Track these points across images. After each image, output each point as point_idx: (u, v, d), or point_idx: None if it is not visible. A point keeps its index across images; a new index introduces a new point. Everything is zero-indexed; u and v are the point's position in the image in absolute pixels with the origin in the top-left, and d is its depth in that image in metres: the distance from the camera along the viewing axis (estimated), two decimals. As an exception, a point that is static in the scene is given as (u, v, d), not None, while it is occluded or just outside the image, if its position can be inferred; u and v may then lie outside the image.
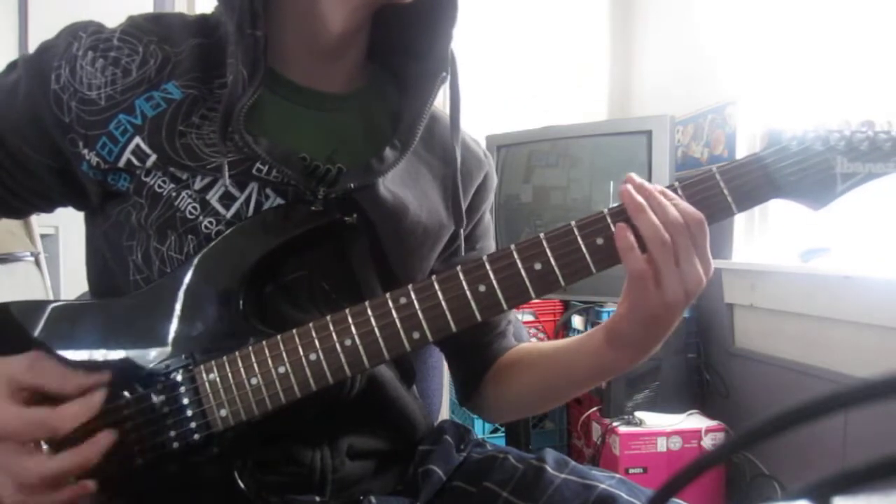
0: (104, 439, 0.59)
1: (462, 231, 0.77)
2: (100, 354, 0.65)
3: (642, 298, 0.58)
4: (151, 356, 0.64)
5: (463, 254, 0.79)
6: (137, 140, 0.65)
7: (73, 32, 0.67)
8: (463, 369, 0.84)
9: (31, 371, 0.59)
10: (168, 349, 0.64)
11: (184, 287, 0.65)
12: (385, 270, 0.72)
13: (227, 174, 0.64)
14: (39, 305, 0.67)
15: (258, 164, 0.65)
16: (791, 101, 1.91)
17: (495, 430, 2.10)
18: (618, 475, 0.71)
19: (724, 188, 0.58)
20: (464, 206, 0.77)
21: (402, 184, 0.72)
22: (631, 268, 0.58)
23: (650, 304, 0.58)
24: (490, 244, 0.86)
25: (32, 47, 0.69)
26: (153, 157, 0.65)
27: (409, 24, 0.73)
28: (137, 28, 0.67)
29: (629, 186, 0.59)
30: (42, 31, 0.70)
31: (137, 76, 0.65)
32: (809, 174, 0.58)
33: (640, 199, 0.57)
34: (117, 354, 0.64)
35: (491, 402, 0.82)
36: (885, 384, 0.21)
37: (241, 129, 0.63)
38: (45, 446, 0.59)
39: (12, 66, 0.70)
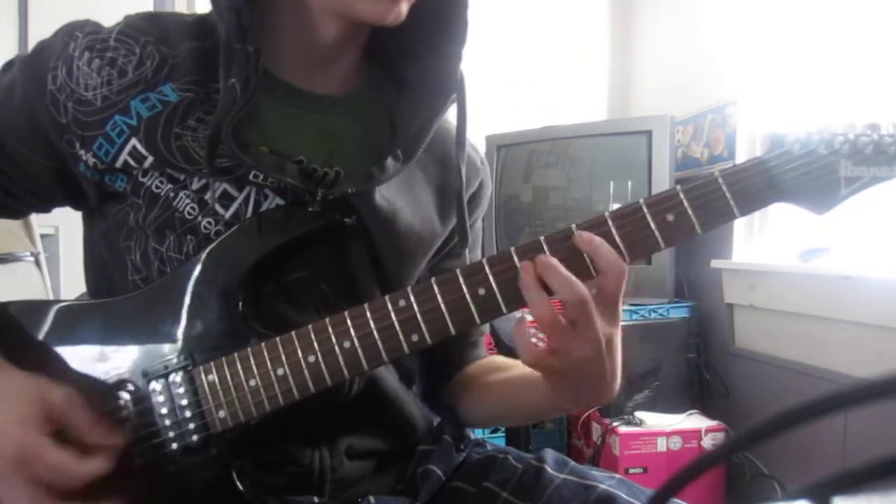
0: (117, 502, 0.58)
1: (466, 250, 0.77)
2: (99, 354, 0.65)
3: (549, 364, 0.60)
4: (150, 357, 0.64)
5: (448, 260, 0.80)
6: (134, 141, 0.65)
7: (70, 32, 0.67)
8: (429, 372, 0.84)
9: (68, 406, 0.57)
10: (167, 350, 0.63)
11: (183, 288, 0.65)
12: (382, 273, 0.72)
13: (216, 195, 0.65)
14: (38, 305, 0.67)
15: (253, 172, 0.65)
16: (791, 101, 1.91)
17: (495, 430, 2.10)
18: (617, 475, 0.71)
19: (726, 192, 0.58)
20: (454, 215, 0.77)
21: (398, 191, 0.72)
22: (527, 354, 0.59)
23: (559, 366, 0.60)
24: (476, 254, 0.85)
25: (32, 46, 0.69)
26: (150, 159, 0.64)
27: (410, 29, 0.73)
28: (134, 28, 0.67)
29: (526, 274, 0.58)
30: (42, 30, 0.70)
31: (134, 77, 0.65)
32: (813, 178, 0.57)
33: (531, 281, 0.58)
34: (116, 354, 0.64)
35: (452, 407, 0.83)
36: (885, 384, 0.21)
37: (231, 143, 0.62)
38: None
39: (8, 65, 0.70)
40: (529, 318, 0.59)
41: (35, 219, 1.94)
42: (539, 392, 0.68)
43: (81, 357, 0.65)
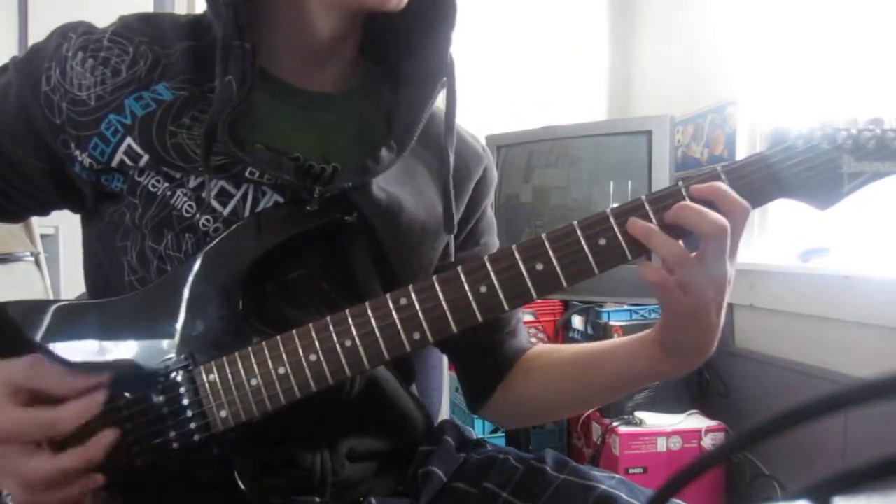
0: (106, 437, 0.59)
1: (452, 237, 0.76)
2: (99, 355, 0.65)
3: (674, 306, 0.59)
4: (151, 356, 0.64)
5: (465, 250, 0.79)
6: (129, 140, 0.65)
7: (63, 33, 0.67)
8: (475, 373, 0.82)
9: (31, 373, 0.58)
10: (168, 349, 0.64)
11: (183, 287, 0.65)
12: (385, 270, 0.71)
13: (213, 192, 0.65)
14: (37, 305, 0.67)
15: (250, 168, 0.65)
16: (792, 100, 1.91)
17: (495, 431, 2.10)
18: (617, 475, 0.70)
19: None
20: (463, 204, 0.77)
21: (398, 182, 0.72)
22: (651, 281, 0.58)
23: (683, 309, 0.58)
24: (494, 240, 0.85)
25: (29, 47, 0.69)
26: (145, 158, 0.65)
27: (405, 22, 0.73)
28: (128, 28, 0.67)
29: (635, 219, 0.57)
30: (42, 31, 0.70)
31: (127, 76, 0.65)
32: (816, 173, 0.57)
33: (644, 225, 0.57)
34: (116, 355, 0.64)
35: (512, 408, 0.80)
36: (885, 384, 0.21)
37: (227, 139, 0.62)
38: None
39: (3, 68, 0.70)
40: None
41: (35, 219, 1.94)
42: (641, 359, 0.67)
43: (80, 357, 0.65)
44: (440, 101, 0.75)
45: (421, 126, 0.71)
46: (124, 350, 0.65)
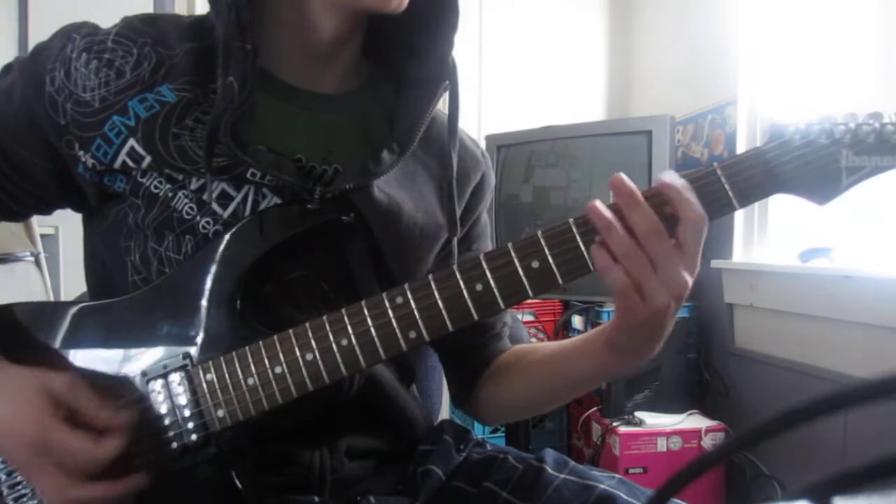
0: (134, 480, 0.58)
1: (455, 238, 0.76)
2: (99, 355, 0.65)
3: (630, 309, 0.57)
4: (150, 357, 0.64)
5: (457, 255, 0.79)
6: (132, 142, 0.65)
7: (67, 34, 0.67)
8: (458, 372, 0.84)
9: (72, 391, 0.58)
10: (166, 350, 0.64)
11: (182, 288, 0.65)
12: (383, 271, 0.71)
13: (213, 194, 0.64)
14: (40, 307, 0.68)
15: (251, 170, 0.65)
16: (791, 100, 1.91)
17: (495, 430, 2.10)
18: (617, 475, 0.71)
19: (725, 183, 0.57)
20: (460, 209, 0.77)
21: (398, 185, 0.72)
22: (610, 283, 0.57)
23: (638, 314, 0.57)
24: (486, 245, 0.85)
25: (32, 48, 0.69)
26: (148, 159, 0.65)
27: (407, 23, 0.73)
28: (132, 30, 0.67)
29: (597, 203, 0.57)
30: (42, 31, 0.70)
31: (131, 78, 0.65)
32: (813, 168, 0.57)
33: (608, 215, 0.56)
34: (116, 355, 0.64)
35: (487, 404, 0.82)
36: (885, 384, 0.21)
37: (229, 140, 0.62)
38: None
39: (7, 69, 0.70)
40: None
41: (35, 219, 1.94)
42: (589, 357, 0.68)
43: (82, 358, 0.65)
44: (442, 104, 0.75)
45: (424, 127, 0.71)
46: (124, 350, 0.65)
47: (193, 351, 0.63)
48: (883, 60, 1.62)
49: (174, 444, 0.62)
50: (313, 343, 0.60)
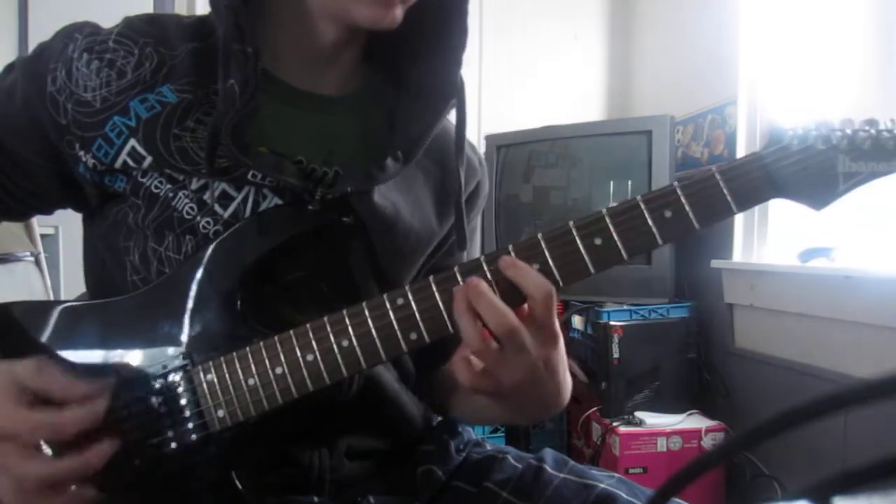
0: (108, 446, 0.58)
1: (465, 253, 0.77)
2: (98, 355, 0.65)
3: (497, 388, 0.59)
4: (149, 357, 0.64)
5: (440, 260, 0.79)
6: (133, 142, 0.65)
7: (69, 34, 0.67)
8: (417, 362, 0.83)
9: (38, 375, 0.58)
10: (166, 350, 0.64)
11: (181, 288, 0.65)
12: (381, 273, 0.72)
13: (214, 195, 0.64)
14: (39, 306, 0.68)
15: (252, 171, 0.65)
16: (791, 100, 1.91)
17: (495, 430, 2.10)
18: (617, 475, 0.71)
19: (723, 188, 0.57)
20: (452, 216, 0.77)
21: (397, 189, 0.72)
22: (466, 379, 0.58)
23: (505, 387, 0.58)
24: (474, 251, 0.85)
25: (32, 48, 0.69)
26: (149, 159, 0.65)
27: (410, 29, 0.72)
28: (133, 30, 0.67)
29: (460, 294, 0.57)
30: (42, 31, 0.70)
31: (132, 78, 0.65)
32: (810, 173, 0.57)
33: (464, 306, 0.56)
34: (116, 355, 0.64)
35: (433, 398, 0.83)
36: (885, 384, 0.21)
37: (231, 143, 0.62)
38: (48, 451, 0.59)
39: (9, 68, 0.70)
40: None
41: (35, 219, 1.94)
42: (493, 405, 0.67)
43: (81, 358, 0.65)
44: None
45: (430, 139, 0.71)
46: (123, 350, 0.65)
47: (193, 351, 0.63)
48: (884, 60, 1.62)
49: (174, 445, 0.62)
50: (314, 344, 0.60)
